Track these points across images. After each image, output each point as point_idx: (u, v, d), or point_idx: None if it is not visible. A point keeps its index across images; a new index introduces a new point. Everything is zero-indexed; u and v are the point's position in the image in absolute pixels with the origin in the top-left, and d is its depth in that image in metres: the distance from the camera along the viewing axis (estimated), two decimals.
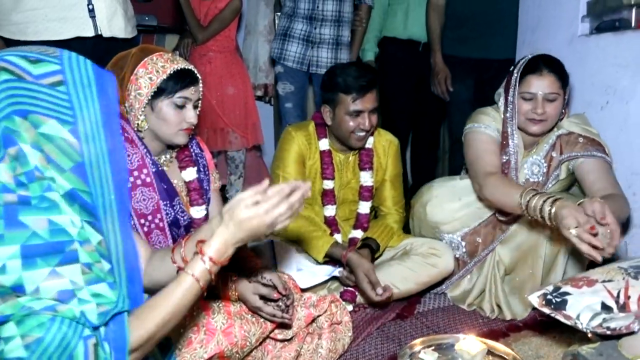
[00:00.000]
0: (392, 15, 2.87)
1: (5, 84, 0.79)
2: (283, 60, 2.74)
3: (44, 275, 0.75)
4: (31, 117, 0.79)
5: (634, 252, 1.88)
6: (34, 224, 0.76)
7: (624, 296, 1.17)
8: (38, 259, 0.75)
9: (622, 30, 1.93)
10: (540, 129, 1.77)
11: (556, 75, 1.73)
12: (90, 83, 0.84)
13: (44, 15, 1.86)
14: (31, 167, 0.77)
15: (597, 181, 1.69)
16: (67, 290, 0.76)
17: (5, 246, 0.74)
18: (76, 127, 0.81)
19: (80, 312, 0.77)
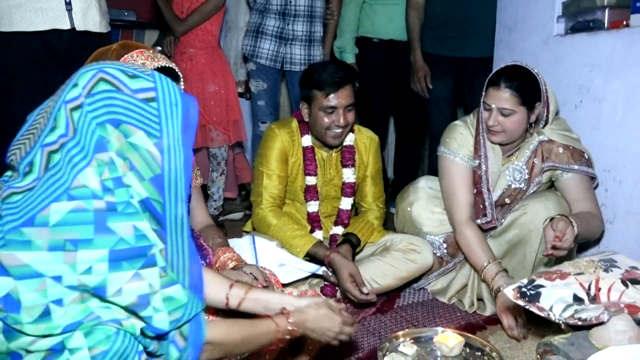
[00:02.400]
0: (372, 15, 2.85)
1: (104, 94, 0.83)
2: (256, 57, 2.70)
3: (128, 278, 0.79)
4: (123, 126, 0.83)
5: (605, 246, 1.94)
6: (121, 230, 0.80)
7: (595, 288, 1.22)
8: (124, 262, 0.79)
9: (595, 31, 1.98)
10: (499, 139, 1.79)
11: (513, 91, 1.71)
12: (177, 103, 0.89)
13: (19, 5, 1.83)
14: (119, 174, 0.82)
15: (575, 201, 1.81)
16: (144, 295, 0.80)
17: (94, 249, 0.78)
18: (161, 142, 0.85)
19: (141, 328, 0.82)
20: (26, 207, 0.79)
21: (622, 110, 1.87)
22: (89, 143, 0.81)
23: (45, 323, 0.78)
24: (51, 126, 0.84)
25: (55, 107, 0.85)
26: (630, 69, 1.83)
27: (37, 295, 0.77)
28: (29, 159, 0.83)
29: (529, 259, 1.80)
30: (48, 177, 0.80)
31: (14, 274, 0.76)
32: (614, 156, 1.90)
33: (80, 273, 0.77)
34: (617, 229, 1.90)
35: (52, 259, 0.77)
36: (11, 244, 0.77)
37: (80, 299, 0.79)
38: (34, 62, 1.92)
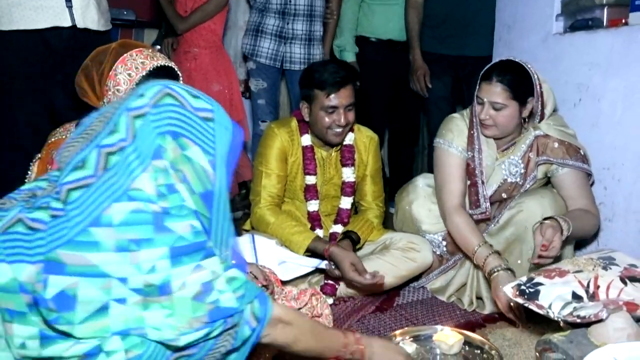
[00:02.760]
0: (370, 15, 2.85)
1: (169, 107, 0.88)
2: (255, 56, 2.70)
3: (190, 270, 0.82)
4: (181, 139, 0.87)
5: (604, 244, 1.95)
6: (179, 228, 0.82)
7: (594, 286, 1.22)
8: (184, 257, 0.82)
9: (594, 29, 1.99)
10: (492, 133, 1.81)
11: (504, 86, 1.72)
12: (228, 127, 0.94)
13: (19, 4, 1.82)
14: (172, 182, 0.84)
15: (572, 197, 1.81)
16: (207, 282, 0.83)
17: (155, 248, 0.80)
18: (214, 160, 0.90)
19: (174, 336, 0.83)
20: (90, 206, 0.81)
21: (621, 108, 1.87)
22: (148, 149, 0.84)
23: (100, 320, 0.79)
24: (110, 130, 0.87)
25: (116, 113, 0.88)
26: (629, 67, 1.84)
27: (99, 292, 0.79)
28: (82, 156, 0.86)
29: (525, 257, 1.80)
30: (107, 177, 0.83)
31: (78, 272, 0.78)
32: (613, 154, 1.91)
33: (145, 273, 0.80)
34: (616, 227, 1.91)
35: (119, 260, 0.79)
36: (80, 245, 0.79)
37: (142, 302, 0.81)
38: (34, 61, 1.91)
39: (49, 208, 0.83)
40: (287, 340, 0.99)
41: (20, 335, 0.79)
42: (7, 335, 0.80)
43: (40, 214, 0.83)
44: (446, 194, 1.88)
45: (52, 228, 0.81)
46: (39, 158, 1.52)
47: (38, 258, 0.79)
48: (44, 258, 0.79)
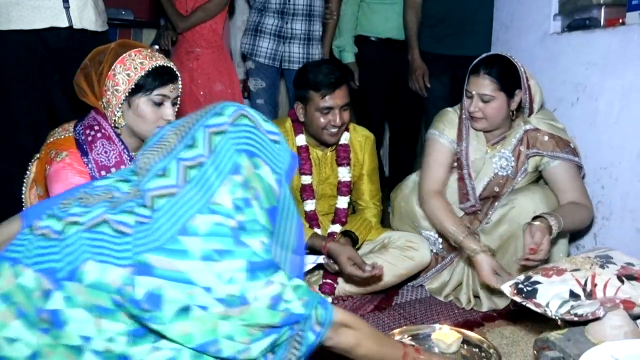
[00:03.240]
0: (370, 14, 2.85)
1: (246, 127, 0.95)
2: (254, 56, 2.71)
3: (262, 285, 0.86)
4: (255, 159, 0.93)
5: (601, 243, 1.96)
6: (253, 244, 0.87)
7: (591, 284, 1.23)
8: (259, 272, 0.86)
9: (591, 29, 1.99)
10: (481, 125, 1.84)
11: (492, 78, 1.76)
12: (289, 152, 1.02)
13: (17, 3, 1.83)
14: (249, 196, 0.90)
15: (563, 190, 1.82)
16: (276, 295, 0.88)
17: (235, 259, 0.85)
18: (280, 179, 0.96)
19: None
20: (176, 214, 0.86)
21: (618, 107, 1.88)
22: (226, 164, 0.90)
23: (184, 321, 0.83)
24: (187, 144, 0.92)
25: (193, 128, 0.94)
26: (626, 66, 1.84)
27: (183, 295, 0.83)
28: (163, 164, 0.91)
29: (520, 254, 1.80)
30: (189, 188, 0.87)
31: (166, 276, 0.82)
32: (610, 153, 1.91)
33: (225, 283, 0.84)
34: (613, 226, 1.92)
35: (204, 268, 0.83)
36: (169, 252, 0.83)
37: (224, 314, 0.84)
38: (32, 61, 1.92)
39: (133, 213, 0.87)
40: (350, 344, 1.02)
41: (109, 329, 0.84)
42: (95, 327, 0.83)
43: (126, 217, 0.87)
44: (427, 179, 1.93)
45: (139, 233, 0.85)
46: (38, 158, 1.52)
47: (126, 262, 0.83)
48: (132, 262, 0.83)
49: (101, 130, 1.44)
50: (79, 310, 0.83)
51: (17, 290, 0.84)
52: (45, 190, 1.46)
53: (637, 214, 1.83)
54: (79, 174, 1.39)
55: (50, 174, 1.41)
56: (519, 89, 1.80)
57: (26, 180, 1.54)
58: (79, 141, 1.44)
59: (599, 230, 1.97)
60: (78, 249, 0.85)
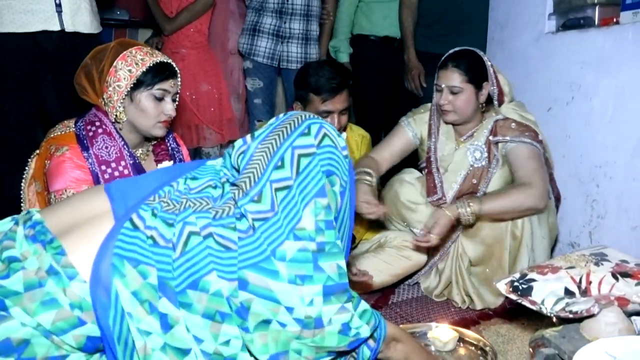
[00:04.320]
0: (369, 13, 2.86)
1: (329, 148, 0.99)
2: (253, 55, 2.71)
3: (336, 310, 0.91)
4: (333, 177, 0.98)
5: (596, 241, 1.96)
6: (329, 268, 0.92)
7: (586, 281, 1.23)
8: (332, 297, 0.91)
9: (586, 28, 2.00)
10: (451, 118, 1.88)
11: (460, 70, 1.82)
12: (351, 164, 1.05)
13: (9, 6, 1.83)
14: (331, 218, 0.94)
15: (518, 169, 1.82)
16: (346, 323, 0.93)
17: (313, 284, 0.90)
18: (344, 191, 1.01)
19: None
20: (269, 238, 0.91)
21: (613, 106, 1.89)
22: (313, 187, 0.94)
23: (263, 331, 0.89)
24: (276, 165, 0.96)
25: (281, 147, 0.97)
26: (620, 65, 1.85)
27: (267, 311, 0.88)
28: (258, 189, 0.94)
29: (504, 258, 1.81)
30: (280, 216, 0.92)
31: (257, 293, 0.88)
32: (605, 152, 1.92)
33: (306, 305, 0.89)
34: (608, 224, 1.92)
35: (290, 291, 0.89)
36: (263, 271, 0.89)
37: (298, 333, 0.89)
38: (24, 61, 1.92)
39: (236, 230, 0.92)
40: (399, 358, 1.09)
41: (227, 333, 0.89)
42: (210, 332, 0.89)
43: (229, 233, 0.92)
44: (372, 150, 2.01)
45: (241, 248, 0.90)
46: (37, 154, 1.53)
47: (232, 276, 0.89)
48: (237, 276, 0.89)
49: (102, 126, 1.46)
50: (196, 316, 0.88)
51: (145, 289, 0.88)
52: (44, 186, 1.46)
53: (631, 212, 1.84)
54: (79, 168, 1.40)
55: (50, 168, 1.42)
56: (487, 82, 1.85)
57: (25, 176, 1.55)
58: (80, 136, 1.45)
59: (594, 228, 1.98)
60: (202, 260, 0.90)
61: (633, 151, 1.83)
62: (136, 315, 0.87)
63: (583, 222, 2.02)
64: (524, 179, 1.76)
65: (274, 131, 1.00)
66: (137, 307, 0.87)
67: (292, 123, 1.00)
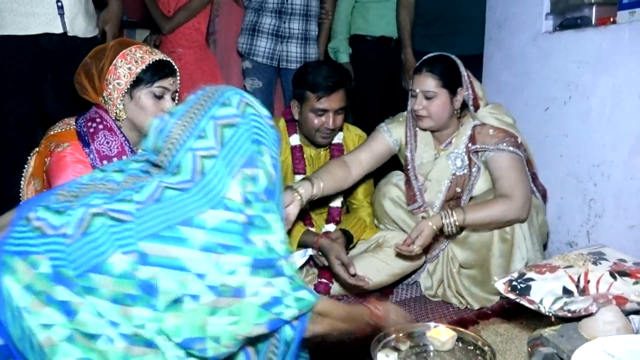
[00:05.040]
0: (365, 13, 2.87)
1: (253, 117, 0.96)
2: (252, 55, 2.72)
3: (262, 283, 0.88)
4: (260, 147, 0.95)
5: (594, 240, 1.96)
6: (257, 242, 0.89)
7: (584, 281, 1.23)
8: (260, 270, 0.88)
9: (583, 28, 2.00)
10: (427, 124, 1.86)
11: (434, 75, 1.80)
12: (277, 130, 1.03)
13: (11, 9, 1.84)
14: (260, 190, 0.91)
15: (495, 179, 1.82)
16: (277, 297, 0.89)
17: (241, 255, 0.86)
18: (276, 163, 0.98)
19: None
20: (184, 207, 0.86)
21: (610, 105, 1.89)
22: (240, 158, 0.91)
23: (174, 312, 0.84)
24: (198, 135, 0.91)
25: (201, 120, 0.93)
26: (617, 64, 1.86)
27: (175, 283, 0.83)
28: (177, 161, 0.91)
29: (493, 262, 1.82)
30: (204, 184, 0.88)
31: (159, 263, 0.83)
32: (603, 151, 1.92)
33: (225, 273, 0.85)
34: (606, 223, 1.93)
35: (202, 258, 0.84)
36: (163, 239, 0.84)
37: (212, 305, 0.84)
38: (25, 61, 1.92)
39: (133, 201, 0.87)
40: (324, 332, 1.04)
41: (140, 316, 0.84)
42: (121, 315, 0.84)
43: (124, 205, 0.87)
44: (348, 154, 1.96)
45: (139, 218, 0.85)
46: (37, 152, 1.53)
47: (131, 248, 0.84)
48: (135, 248, 0.84)
49: (103, 122, 1.47)
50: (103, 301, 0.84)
51: (37, 279, 0.84)
52: (43, 185, 1.46)
53: (629, 211, 1.84)
54: (80, 163, 1.40)
55: (50, 164, 1.42)
56: (461, 87, 1.84)
57: (24, 174, 1.55)
58: (81, 133, 1.46)
59: (591, 227, 1.98)
60: (106, 241, 0.85)
61: (631, 150, 1.83)
62: (33, 310, 0.83)
63: (581, 221, 2.02)
64: (505, 190, 1.76)
65: (192, 105, 0.96)
66: (32, 300, 0.83)
67: (211, 96, 0.97)
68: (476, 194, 1.89)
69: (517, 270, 1.37)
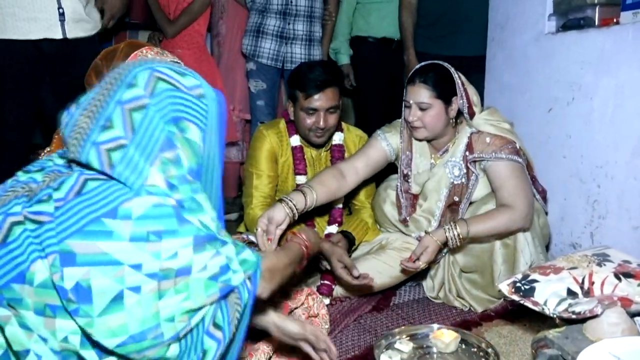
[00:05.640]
0: (367, 14, 2.87)
1: (166, 93, 0.87)
2: (257, 57, 2.73)
3: (210, 256, 0.83)
4: (182, 122, 0.86)
5: (598, 242, 1.96)
6: (194, 221, 0.83)
7: (588, 282, 1.23)
8: (207, 245, 0.83)
9: (586, 28, 2.00)
10: (422, 135, 1.83)
11: (428, 86, 1.77)
12: (215, 98, 0.93)
13: (13, 14, 1.85)
14: (184, 172, 0.84)
15: (497, 189, 1.79)
16: (225, 265, 0.84)
17: (180, 238, 0.81)
18: (205, 135, 0.89)
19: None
20: (106, 199, 0.79)
21: (613, 106, 1.89)
22: (155, 142, 0.83)
23: (116, 313, 0.77)
24: (104, 125, 0.83)
25: (106, 107, 0.84)
26: (620, 65, 1.85)
27: (111, 281, 0.77)
28: (84, 157, 0.83)
29: (495, 268, 1.81)
30: (119, 173, 0.81)
31: (88, 262, 0.76)
32: (606, 152, 1.92)
33: (164, 259, 0.79)
34: (610, 224, 1.92)
35: (133, 249, 0.78)
36: (90, 234, 0.77)
37: (157, 290, 0.78)
38: (25, 63, 1.93)
39: (51, 199, 0.81)
40: (278, 284, 1.06)
41: (63, 329, 0.79)
42: (47, 329, 0.78)
43: (42, 206, 0.80)
44: (344, 160, 1.94)
45: (59, 217, 0.79)
46: (48, 150, 1.53)
47: (52, 249, 0.77)
48: (57, 249, 0.77)
49: None
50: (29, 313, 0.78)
51: None
52: None
53: (633, 212, 1.84)
54: None
55: None
56: (455, 96, 1.81)
57: None
58: None
59: (595, 229, 1.97)
60: (26, 249, 0.79)
61: (634, 150, 1.82)
62: None
63: (584, 223, 2.01)
64: (506, 200, 1.74)
65: (98, 92, 0.88)
66: None
67: (117, 77, 0.87)
68: (474, 199, 1.88)
69: (521, 272, 1.37)
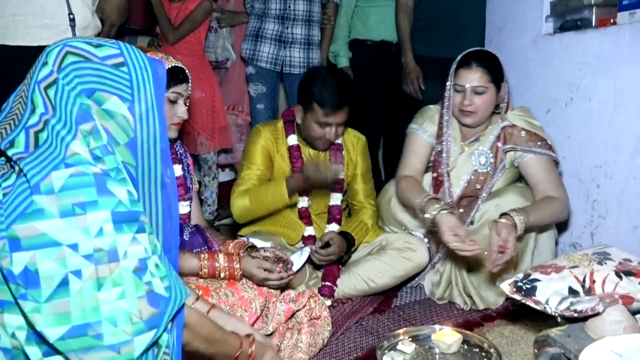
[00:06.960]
0: (365, 18, 2.88)
1: (74, 65, 0.85)
2: (256, 61, 2.74)
3: (129, 241, 0.80)
4: (96, 94, 0.84)
5: (598, 241, 1.96)
6: (118, 193, 0.81)
7: (590, 280, 1.23)
8: (124, 225, 0.80)
9: (583, 29, 2.01)
10: (472, 120, 1.86)
11: (485, 70, 1.80)
12: (147, 67, 0.90)
13: (25, 21, 1.86)
14: (104, 142, 0.82)
15: (538, 183, 1.81)
16: (143, 259, 0.81)
17: (99, 211, 0.78)
18: (133, 106, 0.86)
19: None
20: (34, 177, 0.79)
21: (612, 107, 1.90)
22: (70, 116, 0.82)
23: (62, 298, 0.75)
24: (30, 109, 0.84)
25: (29, 90, 0.86)
26: (618, 66, 1.86)
27: (55, 264, 0.76)
28: (10, 138, 0.84)
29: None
30: (42, 150, 0.81)
31: (32, 245, 0.76)
32: (605, 152, 1.93)
33: (93, 236, 0.78)
34: (610, 224, 1.93)
35: (66, 226, 0.77)
36: (28, 216, 0.77)
37: (96, 277, 0.77)
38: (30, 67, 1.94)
39: (0, 187, 0.82)
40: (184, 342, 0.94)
41: (10, 325, 0.78)
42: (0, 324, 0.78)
43: None
44: (402, 167, 1.96)
45: (5, 203, 0.79)
46: None
47: (2, 234, 0.77)
48: (5, 234, 0.76)
49: None
50: None
51: None
52: None
53: (632, 212, 1.84)
54: None
55: None
56: (502, 82, 1.85)
57: None
58: None
59: (595, 229, 1.98)
60: None
61: (633, 150, 1.83)
62: None
63: (584, 223, 2.02)
64: (552, 192, 1.78)
65: (26, 77, 0.89)
66: None
67: (38, 60, 0.88)
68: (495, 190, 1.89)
69: (522, 271, 1.37)
